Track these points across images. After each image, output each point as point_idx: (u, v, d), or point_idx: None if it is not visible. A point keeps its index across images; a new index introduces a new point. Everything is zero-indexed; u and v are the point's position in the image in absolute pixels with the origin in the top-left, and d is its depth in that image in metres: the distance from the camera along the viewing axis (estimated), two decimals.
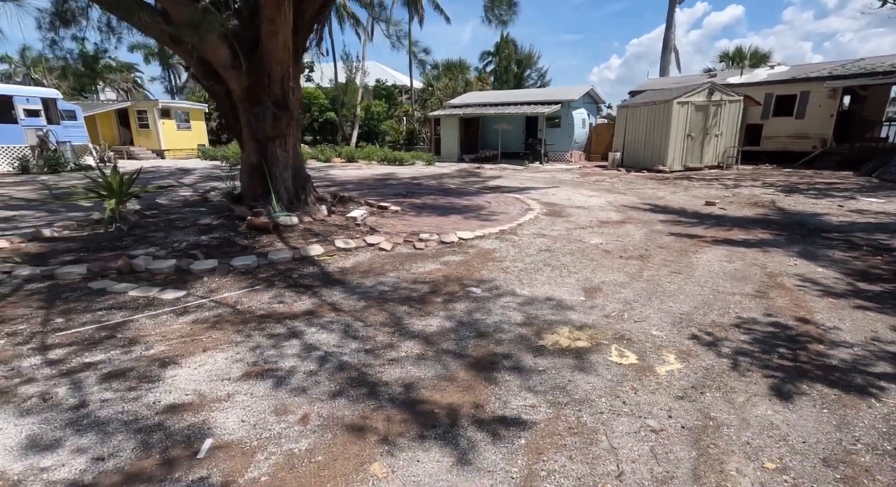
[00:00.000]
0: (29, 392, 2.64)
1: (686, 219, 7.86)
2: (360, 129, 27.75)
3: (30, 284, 4.34)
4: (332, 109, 28.65)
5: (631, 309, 3.89)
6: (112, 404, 2.54)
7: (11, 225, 6.99)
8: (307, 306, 3.98)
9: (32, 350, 3.12)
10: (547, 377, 2.84)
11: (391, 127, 28.63)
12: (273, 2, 5.42)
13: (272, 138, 6.69)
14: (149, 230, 6.34)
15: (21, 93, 16.24)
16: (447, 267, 5.10)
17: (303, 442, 2.25)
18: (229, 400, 2.60)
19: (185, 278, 4.59)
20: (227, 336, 3.39)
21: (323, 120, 29.35)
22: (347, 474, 2.05)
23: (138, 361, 3.01)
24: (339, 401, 2.59)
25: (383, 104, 28.99)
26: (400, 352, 3.15)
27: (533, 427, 2.36)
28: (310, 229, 6.48)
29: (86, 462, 2.10)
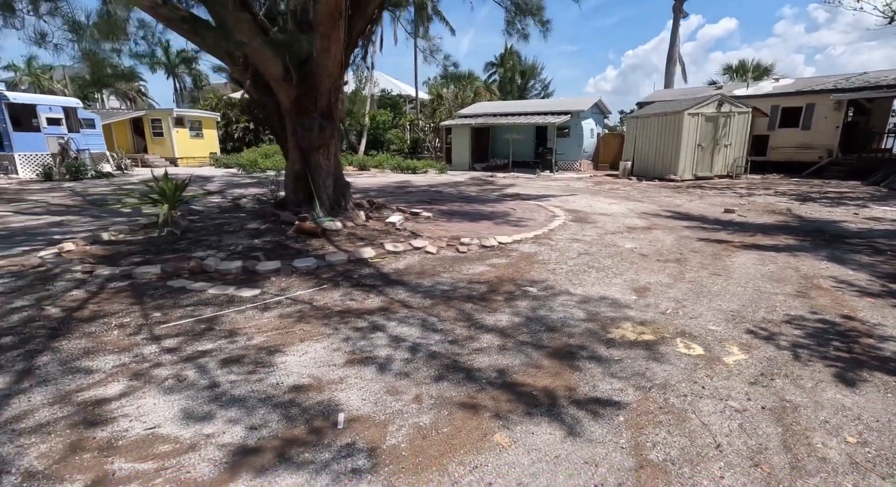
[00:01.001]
0: (162, 374, 2.88)
1: (709, 226, 8.15)
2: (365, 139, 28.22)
3: (112, 283, 4.59)
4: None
5: (683, 307, 4.15)
6: (240, 385, 2.79)
7: (65, 229, 7.25)
8: (378, 303, 4.23)
9: (146, 339, 3.37)
10: (624, 365, 3.09)
11: (396, 135, 29.10)
12: (329, 19, 5.74)
13: (317, 148, 6.99)
14: (200, 234, 6.60)
15: (44, 102, 16.59)
16: (496, 268, 5.36)
17: (424, 417, 2.50)
18: (343, 382, 2.85)
19: (253, 278, 4.85)
20: (317, 329, 3.64)
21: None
22: (474, 442, 2.30)
23: (246, 350, 3.26)
24: (443, 384, 2.84)
25: (388, 113, 29.51)
26: (482, 343, 3.41)
27: (626, 407, 2.61)
28: (354, 233, 6.75)
29: (242, 430, 2.35)
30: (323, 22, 5.78)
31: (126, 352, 3.17)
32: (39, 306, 3.94)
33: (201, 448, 2.23)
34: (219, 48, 6.41)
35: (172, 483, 2.00)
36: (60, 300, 4.11)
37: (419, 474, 2.08)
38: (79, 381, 2.79)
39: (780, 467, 2.14)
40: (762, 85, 21.09)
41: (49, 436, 2.28)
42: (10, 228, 7.23)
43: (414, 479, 2.05)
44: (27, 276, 4.69)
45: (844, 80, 19.08)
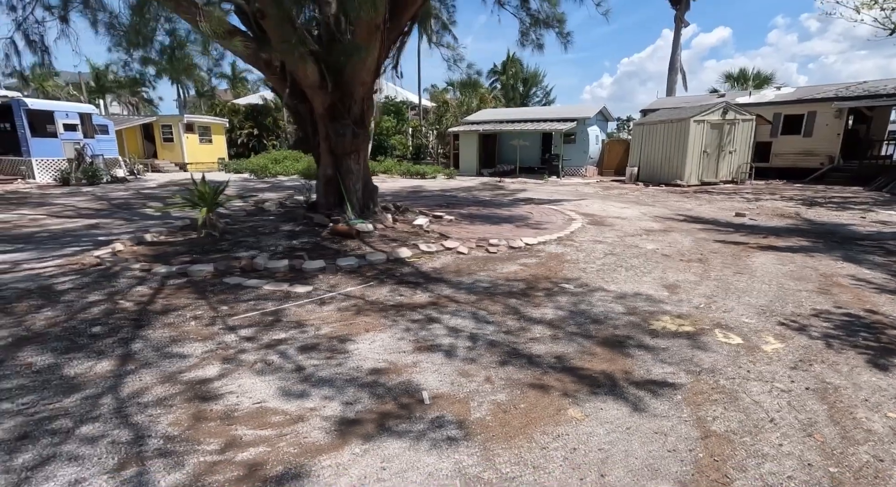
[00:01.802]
0: (249, 359, 3.13)
1: (723, 228, 8.44)
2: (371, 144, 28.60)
3: (170, 280, 4.84)
4: None
5: (715, 303, 4.41)
6: (323, 368, 3.03)
7: (103, 231, 7.49)
8: (426, 299, 4.48)
9: (222, 329, 3.62)
10: (671, 352, 3.35)
11: (399, 141, 29.50)
12: (367, 31, 6.04)
13: (349, 153, 7.27)
14: (238, 236, 6.84)
15: (61, 109, 16.85)
16: (528, 268, 5.62)
17: (500, 395, 2.75)
18: (416, 366, 3.09)
19: (302, 275, 5.09)
20: (377, 320, 3.89)
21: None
22: (551, 416, 2.54)
23: (318, 338, 3.50)
24: (508, 368, 3.09)
25: (392, 120, 29.92)
26: (534, 334, 3.66)
27: (682, 388, 2.87)
28: (385, 235, 7.01)
29: (339, 405, 2.59)
30: (361, 34, 6.07)
31: (209, 341, 3.41)
32: (113, 300, 4.18)
33: (309, 419, 2.47)
34: (258, 58, 6.70)
35: (295, 446, 2.24)
36: (129, 295, 4.34)
37: (509, 441, 2.33)
38: (177, 364, 3.03)
39: (831, 437, 2.39)
40: (764, 93, 21.52)
41: (172, 409, 2.52)
42: (50, 230, 7.46)
43: (505, 445, 2.29)
44: (90, 274, 4.92)
45: (845, 88, 19.52)
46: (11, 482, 1.96)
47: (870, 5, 13.47)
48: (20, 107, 15.28)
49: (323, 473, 2.08)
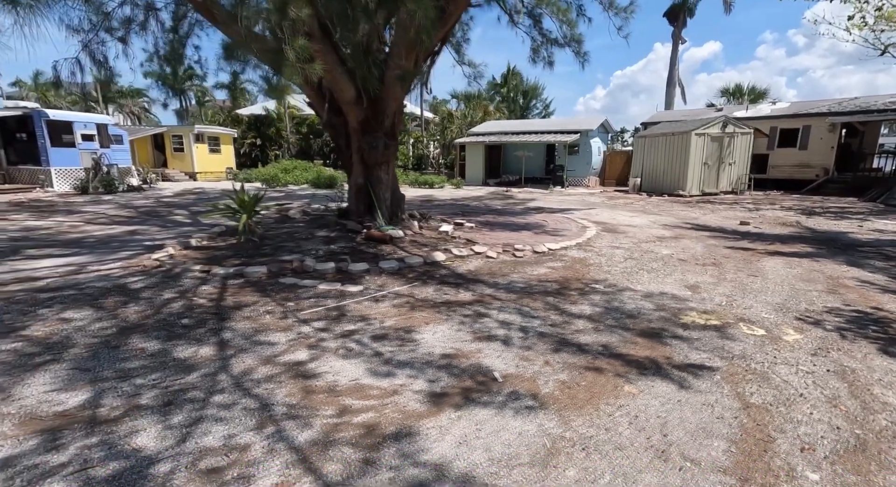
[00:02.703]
0: (331, 346, 3.50)
1: (730, 236, 8.89)
2: None
3: (229, 280, 5.20)
4: None
5: (735, 301, 4.83)
6: (399, 353, 3.41)
7: (144, 237, 7.84)
8: (470, 297, 4.87)
9: (296, 322, 3.99)
10: (704, 342, 3.75)
11: (401, 152, 30.11)
12: (404, 51, 6.51)
13: (379, 163, 7.70)
14: (276, 241, 7.22)
15: (79, 119, 17.25)
16: (556, 270, 6.03)
17: (561, 375, 3.13)
18: (480, 352, 3.48)
19: (349, 276, 5.47)
20: (432, 315, 4.27)
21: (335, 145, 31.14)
22: (610, 392, 2.93)
23: (385, 329, 3.88)
24: (562, 354, 3.48)
25: None
26: (577, 326, 4.06)
27: (718, 370, 3.26)
28: (415, 240, 7.41)
29: (424, 382, 2.97)
30: (400, 55, 6.53)
31: (288, 331, 3.79)
32: (186, 297, 4.54)
33: (402, 392, 2.85)
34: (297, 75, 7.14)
35: (398, 413, 2.62)
36: (199, 293, 4.71)
37: (579, 410, 2.71)
38: (270, 350, 3.40)
39: (853, 408, 2.79)
40: (760, 107, 22.26)
41: (282, 384, 2.89)
42: (95, 236, 7.81)
43: (577, 413, 2.68)
44: (155, 274, 5.29)
45: (837, 104, 20.28)
46: (178, 435, 2.33)
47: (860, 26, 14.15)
48: (40, 118, 15.66)
49: (429, 433, 2.46)
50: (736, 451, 2.35)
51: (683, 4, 27.22)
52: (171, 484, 2.03)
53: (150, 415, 2.53)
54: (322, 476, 2.11)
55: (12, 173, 16.43)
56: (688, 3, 27.15)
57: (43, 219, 9.63)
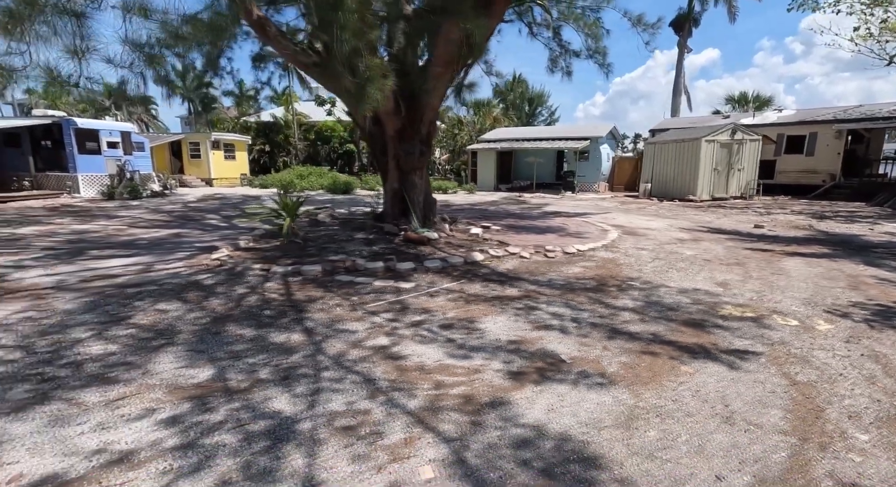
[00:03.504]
0: (406, 333, 3.86)
1: (747, 238, 9.24)
2: None
3: (289, 277, 5.57)
4: (350, 141, 31.15)
5: (764, 296, 5.17)
6: (469, 340, 3.76)
7: (190, 239, 8.23)
8: (517, 292, 5.23)
9: (367, 314, 4.35)
10: (744, 331, 4.09)
11: None
12: (443, 65, 6.91)
13: (414, 169, 8.09)
14: (319, 243, 7.59)
15: (105, 128, 17.75)
16: (590, 269, 6.38)
17: (622, 358, 3.48)
18: (543, 339, 3.83)
19: (398, 274, 5.83)
20: (488, 308, 4.63)
21: (343, 151, 31.94)
22: (669, 370, 3.28)
23: (449, 320, 4.23)
24: (617, 341, 3.83)
25: None
26: (624, 318, 4.40)
27: (762, 355, 3.61)
28: (449, 242, 7.77)
29: (500, 363, 3.33)
30: (437, 67, 6.94)
31: (362, 321, 4.14)
32: (257, 292, 4.91)
33: (484, 371, 3.20)
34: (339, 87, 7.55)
35: (487, 387, 2.97)
36: (267, 289, 5.07)
37: (645, 385, 3.06)
38: (353, 337, 3.76)
39: (889, 385, 3.13)
40: (767, 115, 22.68)
41: (376, 363, 3.25)
42: (145, 239, 8.19)
43: (644, 387, 3.03)
44: (220, 272, 5.66)
45: (843, 111, 20.70)
46: (306, 402, 2.69)
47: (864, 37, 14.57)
48: (69, 126, 16.15)
49: (519, 402, 2.81)
50: (792, 418, 2.70)
51: (689, 14, 27.76)
52: (317, 437, 2.38)
53: (274, 387, 2.89)
54: (440, 433, 2.46)
55: (40, 179, 16.88)
56: (693, 12, 27.69)
57: (86, 223, 10.03)
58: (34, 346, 3.37)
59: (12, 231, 8.59)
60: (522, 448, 2.37)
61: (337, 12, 4.18)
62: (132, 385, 2.87)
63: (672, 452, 2.36)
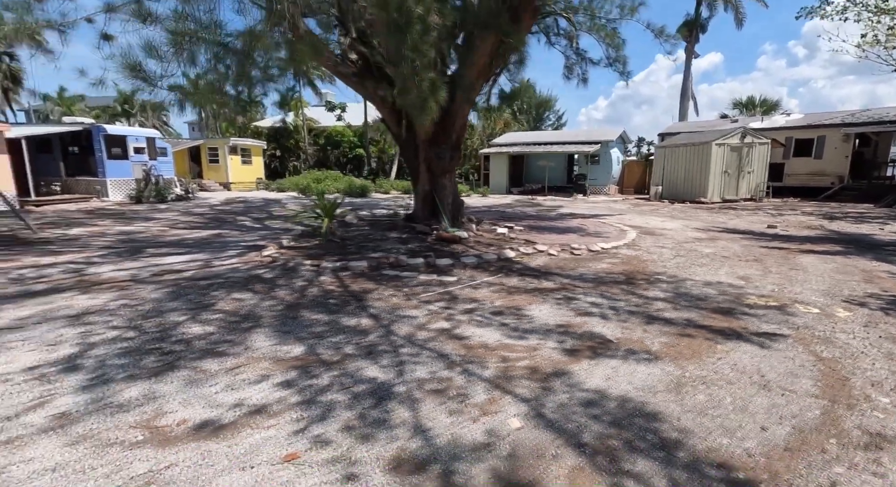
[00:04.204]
0: (462, 318, 4.26)
1: (761, 237, 9.59)
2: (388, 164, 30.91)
3: (339, 272, 5.99)
4: (360, 146, 31.83)
5: (785, 288, 5.54)
6: (522, 324, 4.16)
7: (233, 239, 8.68)
8: (552, 285, 5.62)
9: (421, 303, 4.76)
10: (769, 317, 4.47)
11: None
12: (477, 72, 7.35)
13: (445, 172, 8.52)
14: (355, 242, 8.02)
15: (132, 134, 18.33)
16: (616, 265, 6.76)
17: (662, 339, 3.87)
18: (586, 324, 4.22)
19: (439, 270, 6.24)
20: (529, 298, 5.02)
21: (352, 155, 32.65)
22: (706, 349, 3.66)
23: (498, 308, 4.63)
24: (655, 325, 4.21)
25: None
26: (657, 306, 4.79)
27: (789, 336, 3.98)
28: (479, 241, 8.18)
29: (554, 343, 3.72)
30: (472, 75, 7.38)
31: (420, 308, 4.55)
32: (315, 284, 5.33)
33: (541, 349, 3.60)
34: (375, 94, 8.01)
35: (547, 361, 3.37)
36: (322, 282, 5.50)
37: (688, 360, 3.45)
38: (415, 321, 4.17)
39: None
40: (775, 119, 23.02)
41: (444, 342, 3.66)
42: (191, 238, 8.66)
43: (687, 362, 3.41)
44: (275, 268, 6.09)
45: (851, 115, 21.02)
46: (394, 371, 3.10)
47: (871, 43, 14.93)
48: (99, 133, 16.73)
49: (578, 373, 3.20)
50: (821, 385, 3.08)
51: (696, 20, 28.19)
52: (413, 396, 2.79)
53: (362, 360, 3.30)
54: (517, 395, 2.87)
55: (70, 184, 17.46)
56: (700, 18, 28.12)
57: (128, 224, 10.52)
58: (143, 327, 3.80)
59: (64, 232, 9.08)
60: (590, 406, 2.77)
61: (405, 35, 4.62)
62: (241, 357, 3.29)
63: (720, 410, 2.75)
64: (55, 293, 4.73)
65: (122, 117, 42.09)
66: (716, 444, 2.40)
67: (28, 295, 4.64)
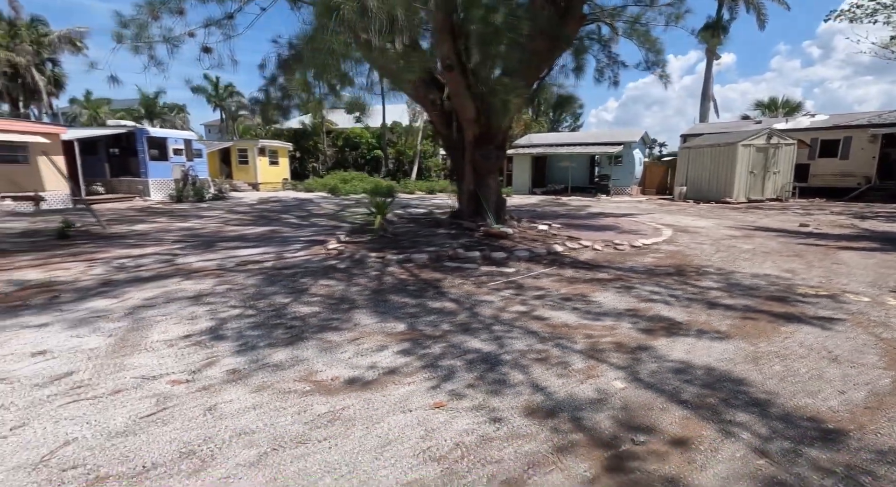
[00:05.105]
0: (536, 303, 4.63)
1: (796, 235, 9.78)
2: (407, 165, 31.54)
3: (404, 263, 6.40)
4: (377, 148, 32.54)
5: (831, 280, 5.81)
6: (592, 308, 4.51)
7: (288, 234, 9.16)
8: (607, 276, 5.96)
9: (491, 290, 5.13)
10: (823, 304, 4.76)
11: (434, 163, 32.26)
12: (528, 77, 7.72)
13: (489, 172, 8.90)
14: (407, 237, 8.44)
15: (172, 136, 19.07)
16: (662, 259, 7.06)
17: (726, 321, 4.19)
18: (652, 309, 4.55)
19: (495, 262, 6.61)
20: (591, 287, 5.37)
21: (370, 157, 33.34)
22: (772, 330, 3.98)
23: (565, 295, 4.99)
24: (716, 311, 4.52)
25: (430, 144, 32.50)
26: (713, 295, 5.10)
27: (846, 320, 4.27)
28: (523, 236, 8.54)
29: (628, 324, 4.07)
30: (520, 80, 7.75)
31: (493, 294, 4.93)
32: (389, 274, 5.74)
33: (618, 328, 3.95)
34: (426, 99, 8.43)
35: (628, 338, 3.72)
36: (392, 272, 5.91)
37: (756, 338, 3.77)
38: (494, 305, 4.54)
39: None
40: (800, 120, 23.01)
41: (529, 322, 4.03)
42: (250, 234, 9.17)
43: (757, 340, 3.74)
44: (344, 259, 6.53)
45: (877, 116, 20.96)
46: (495, 345, 3.48)
47: None
48: (142, 135, 17.46)
49: (659, 348, 3.55)
50: (886, 360, 3.39)
51: (718, 22, 28.22)
52: (521, 363, 3.17)
53: (462, 334, 3.69)
54: (611, 364, 3.23)
55: (114, 184, 18.22)
56: (722, 20, 28.15)
57: (183, 221, 11.10)
58: (257, 306, 4.24)
59: (130, 228, 9.66)
60: (680, 373, 3.11)
61: (491, 46, 5.02)
62: (355, 331, 3.70)
63: (798, 377, 3.08)
64: (162, 279, 5.21)
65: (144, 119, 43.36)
66: (802, 403, 2.74)
67: (141, 281, 5.12)
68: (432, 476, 2.02)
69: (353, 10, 3.98)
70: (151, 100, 45.02)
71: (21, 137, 12.65)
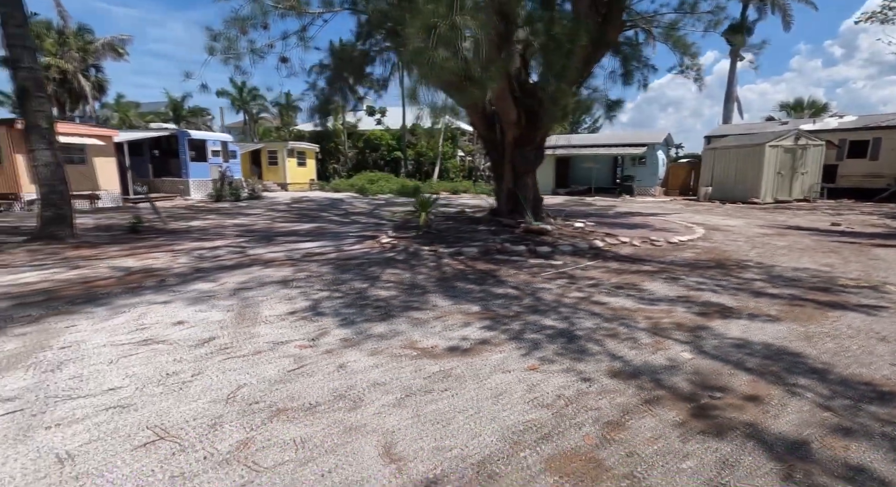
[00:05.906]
0: (591, 291, 4.99)
1: (828, 234, 9.92)
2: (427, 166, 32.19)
3: (456, 256, 6.82)
4: (397, 149, 33.23)
5: (870, 274, 6.04)
6: (645, 296, 4.85)
7: (336, 231, 9.66)
8: (651, 268, 6.28)
9: (545, 280, 5.51)
10: (866, 294, 5.02)
11: (453, 164, 32.79)
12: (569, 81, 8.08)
13: (528, 172, 9.28)
14: (450, 233, 8.85)
15: (211, 138, 19.88)
16: (701, 254, 7.34)
17: (775, 307, 4.49)
18: (702, 296, 4.87)
19: (541, 256, 6.97)
20: (639, 277, 5.71)
21: (390, 158, 34.00)
22: (819, 315, 4.27)
23: (617, 285, 5.34)
24: (763, 298, 4.82)
25: (450, 145, 33.07)
26: (757, 285, 5.39)
27: (889, 308, 4.53)
28: (562, 233, 8.88)
29: (682, 308, 4.40)
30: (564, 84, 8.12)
31: (548, 283, 5.31)
32: (445, 264, 6.16)
33: (674, 311, 4.29)
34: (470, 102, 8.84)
35: (684, 319, 4.06)
36: (447, 263, 6.33)
37: (806, 321, 4.08)
38: (553, 292, 4.92)
39: None
40: (828, 121, 22.84)
41: (590, 306, 4.40)
42: (300, 230, 9.70)
43: (807, 323, 4.04)
44: (399, 252, 6.97)
45: None
46: (566, 323, 3.86)
47: None
48: (184, 137, 18.26)
49: (716, 328, 3.89)
50: None
51: (742, 23, 28.12)
52: (593, 337, 3.55)
53: (533, 315, 4.08)
54: (675, 339, 3.58)
55: (156, 184, 19.07)
56: (747, 21, 28.05)
57: (232, 219, 11.71)
58: (340, 290, 4.70)
59: (187, 224, 10.28)
60: (740, 348, 3.46)
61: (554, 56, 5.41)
62: (436, 310, 4.12)
63: (850, 352, 3.39)
64: (244, 267, 5.72)
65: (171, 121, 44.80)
66: (856, 372, 3.06)
67: (226, 268, 5.64)
68: (546, 416, 2.42)
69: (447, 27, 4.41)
70: (178, 103, 46.53)
71: (80, 140, 13.47)
